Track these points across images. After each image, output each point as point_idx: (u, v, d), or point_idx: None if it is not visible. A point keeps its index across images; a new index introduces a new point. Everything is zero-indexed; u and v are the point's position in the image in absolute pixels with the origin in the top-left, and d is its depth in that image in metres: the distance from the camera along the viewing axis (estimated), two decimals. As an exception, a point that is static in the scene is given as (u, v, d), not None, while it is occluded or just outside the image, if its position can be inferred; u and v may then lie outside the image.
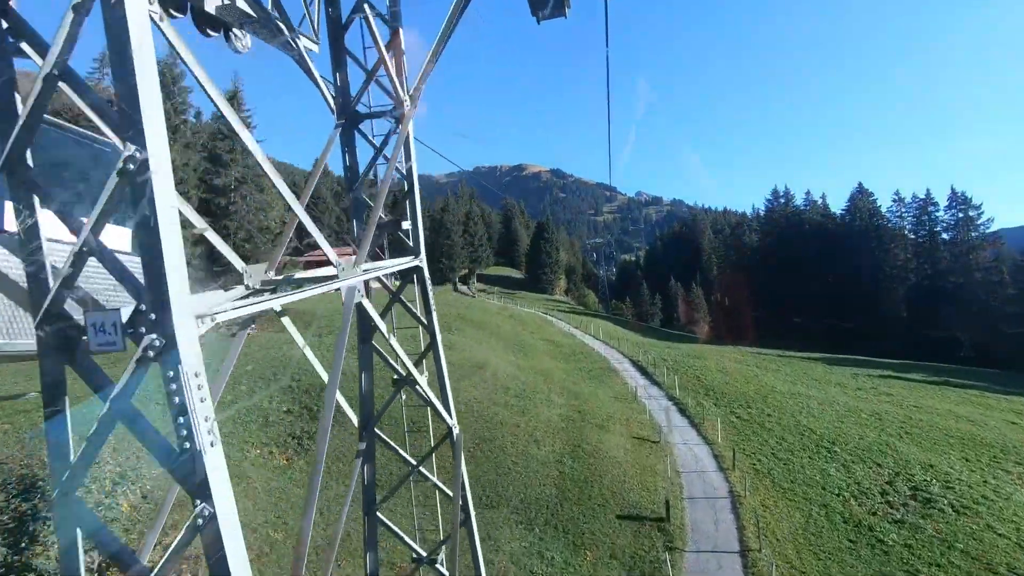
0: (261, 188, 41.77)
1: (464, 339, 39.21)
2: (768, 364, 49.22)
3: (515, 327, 52.37)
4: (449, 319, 46.57)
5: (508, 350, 40.61)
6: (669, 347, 59.83)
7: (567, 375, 36.03)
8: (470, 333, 42.57)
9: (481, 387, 27.31)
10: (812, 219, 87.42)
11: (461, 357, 31.85)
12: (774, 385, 36.65)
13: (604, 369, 39.63)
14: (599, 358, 43.82)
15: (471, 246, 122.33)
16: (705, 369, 40.45)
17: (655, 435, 25.50)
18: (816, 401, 32.64)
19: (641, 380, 37.23)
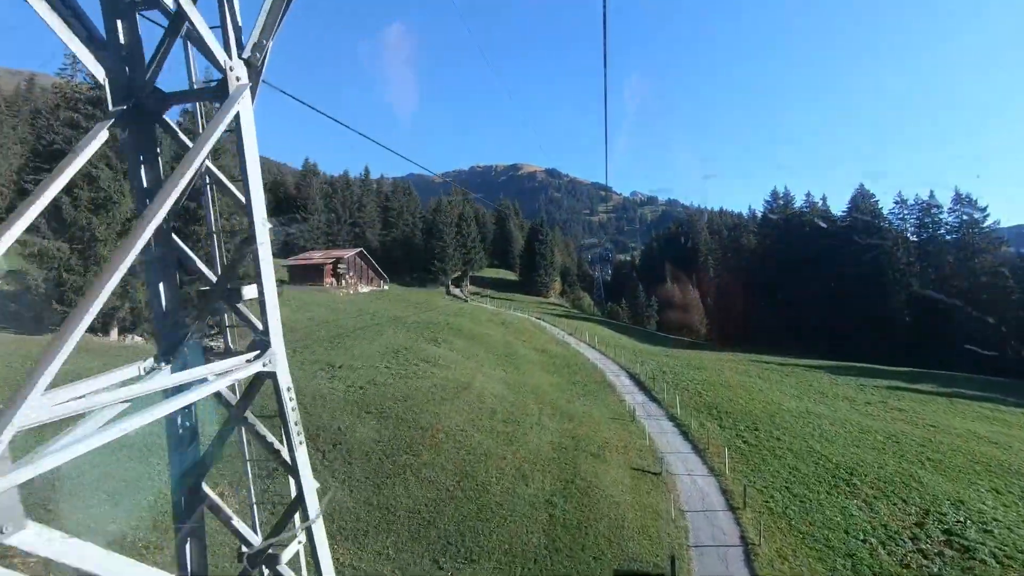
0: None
1: (451, 353, 36.74)
2: (771, 375, 47.01)
3: (506, 336, 49.96)
4: (436, 329, 44.13)
5: (497, 363, 38.17)
6: (667, 354, 57.64)
7: (560, 392, 33.64)
8: (458, 345, 40.10)
9: (465, 411, 24.86)
10: (812, 221, 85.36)
11: (445, 376, 29.38)
12: (780, 402, 34.39)
13: (599, 384, 37.26)
14: (594, 370, 41.48)
15: (464, 248, 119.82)
16: (707, 383, 38.19)
17: (656, 465, 23.13)
18: (827, 421, 30.38)
19: (639, 396, 34.89)
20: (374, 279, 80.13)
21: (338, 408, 23.18)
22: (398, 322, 45.83)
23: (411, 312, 54.33)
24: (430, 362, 31.54)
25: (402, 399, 24.58)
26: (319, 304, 51.80)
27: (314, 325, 39.80)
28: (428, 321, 47.33)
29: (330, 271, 70.13)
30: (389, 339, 37.59)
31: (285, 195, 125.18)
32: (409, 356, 32.64)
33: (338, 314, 47.60)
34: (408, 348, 34.86)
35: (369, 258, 79.65)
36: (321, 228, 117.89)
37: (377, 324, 43.35)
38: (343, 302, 56.27)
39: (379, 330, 40.83)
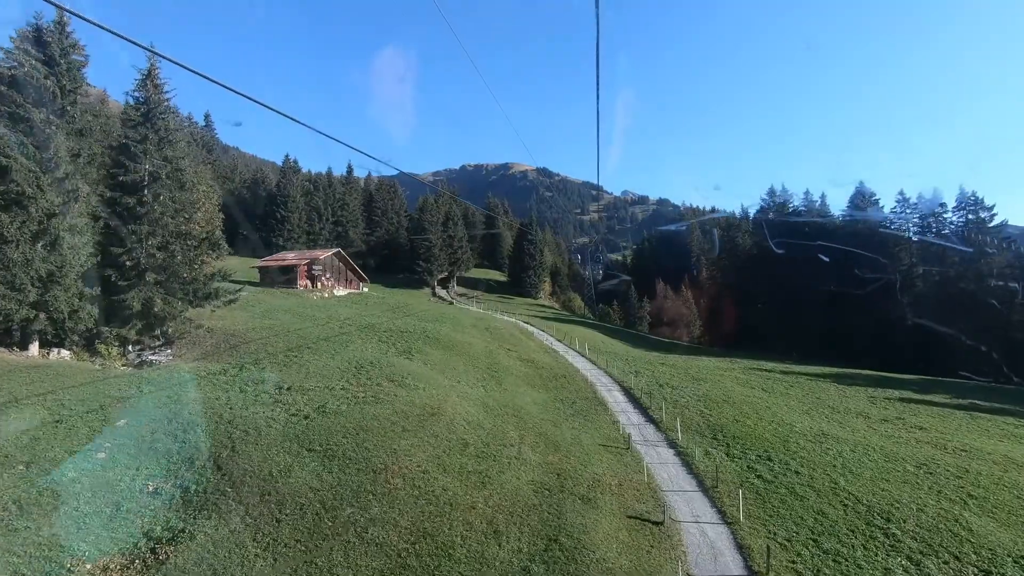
0: (183, 184, 35.01)
1: (424, 368, 32.77)
2: (775, 386, 43.51)
3: (489, 344, 46.06)
4: (411, 339, 40.18)
5: (477, 379, 34.27)
6: (663, 362, 54.08)
7: (545, 412, 29.81)
8: (434, 358, 36.15)
9: (430, 445, 20.92)
10: (811, 221, 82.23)
11: (411, 399, 25.37)
12: (792, 422, 30.78)
13: (590, 401, 33.48)
14: (584, 384, 37.70)
15: (450, 248, 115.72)
16: (708, 399, 34.52)
17: (657, 510, 19.37)
18: (847, 446, 26.79)
19: (634, 416, 31.16)
20: (353, 281, 75.94)
21: (274, 445, 19.18)
22: (370, 330, 41.82)
23: (387, 318, 50.29)
24: (396, 381, 27.53)
25: (355, 432, 20.60)
26: (286, 309, 47.66)
27: (272, 335, 35.69)
28: (403, 329, 43.34)
29: (304, 273, 65.89)
30: (355, 351, 33.58)
31: (266, 192, 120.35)
32: (374, 373, 28.64)
33: (305, 321, 43.49)
34: (375, 363, 30.85)
35: (347, 259, 75.42)
36: (302, 227, 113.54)
37: (345, 333, 39.32)
38: (315, 306, 52.13)
39: (346, 340, 36.81)
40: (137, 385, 24.38)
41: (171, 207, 33.70)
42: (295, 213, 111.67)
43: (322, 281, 68.24)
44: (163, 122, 34.69)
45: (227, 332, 35.29)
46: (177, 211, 34.20)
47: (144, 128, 33.54)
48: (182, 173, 34.89)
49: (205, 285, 34.75)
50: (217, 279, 36.45)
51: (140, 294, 31.38)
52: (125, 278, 31.47)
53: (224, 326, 36.70)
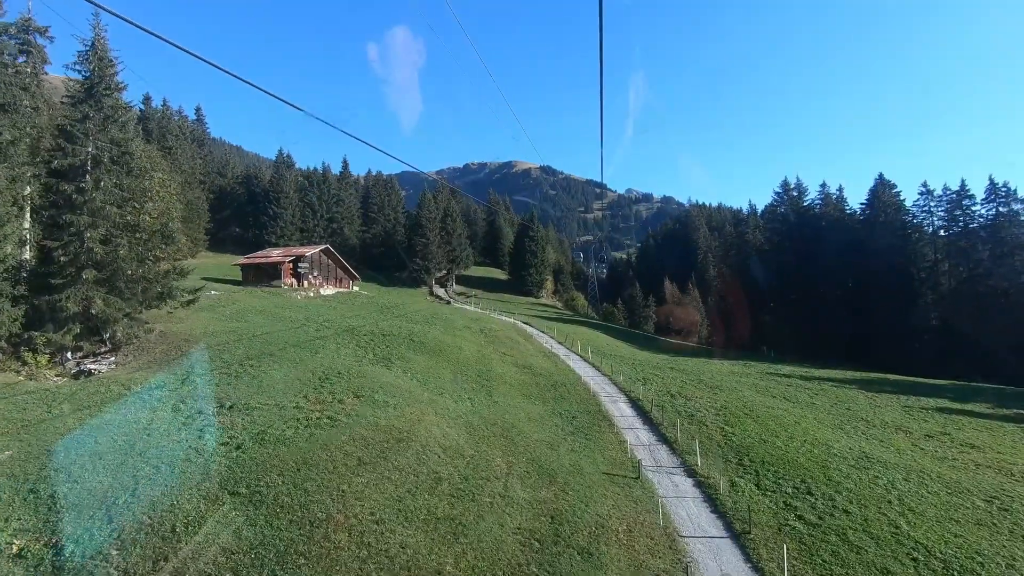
0: (130, 170, 30.95)
1: (402, 378, 28.67)
2: (798, 394, 39.24)
3: (483, 348, 41.96)
4: (394, 344, 36.10)
5: (464, 390, 30.15)
6: (672, 365, 49.83)
7: (541, 430, 25.66)
8: (417, 365, 32.06)
9: (391, 483, 16.78)
10: (828, 214, 77.65)
11: (376, 420, 21.14)
12: (827, 440, 26.53)
13: (593, 415, 29.28)
14: (586, 393, 33.50)
15: (449, 245, 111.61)
16: (727, 411, 30.29)
17: (677, 568, 15.21)
18: (898, 473, 22.54)
19: (644, 433, 26.96)
20: (343, 279, 71.92)
21: (189, 487, 15.08)
22: (350, 334, 37.75)
23: (373, 319, 46.24)
24: (363, 397, 23.40)
25: (296, 467, 16.48)
26: (261, 310, 43.65)
27: (234, 340, 31.62)
28: (387, 332, 39.24)
29: (289, 271, 61.92)
30: (325, 359, 29.49)
31: (260, 189, 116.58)
32: (339, 387, 24.53)
33: (279, 323, 39.47)
34: (343, 373, 26.75)
35: (337, 256, 71.38)
36: (295, 224, 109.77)
37: (321, 337, 35.24)
38: (295, 307, 48.11)
39: (319, 346, 32.73)
40: (49, 403, 20.38)
41: (117, 195, 29.62)
42: (288, 209, 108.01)
43: (309, 279, 64.28)
44: (110, 99, 30.63)
45: (183, 337, 31.25)
46: (124, 200, 30.12)
47: (86, 106, 29.50)
48: (131, 157, 30.80)
49: (156, 284, 30.74)
50: (174, 277, 32.43)
51: (77, 294, 27.38)
52: (60, 275, 27.47)
53: (182, 330, 32.68)
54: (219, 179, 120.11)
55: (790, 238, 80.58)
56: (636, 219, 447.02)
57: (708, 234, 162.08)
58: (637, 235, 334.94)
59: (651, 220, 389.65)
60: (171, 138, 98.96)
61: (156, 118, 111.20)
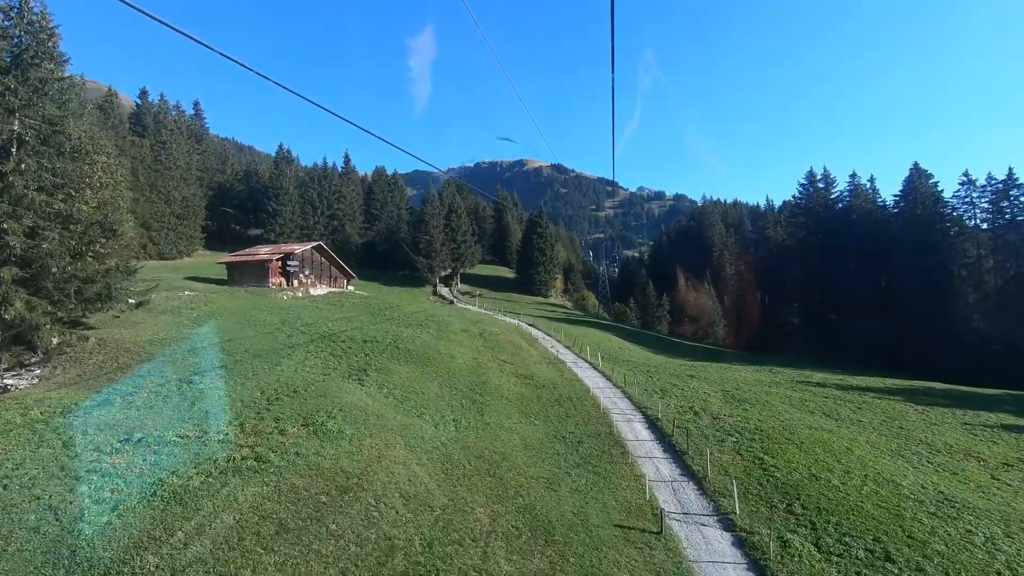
0: (63, 152, 26.70)
1: (375, 397, 24.10)
2: (839, 409, 34.21)
3: (479, 355, 37.35)
4: (376, 352, 31.61)
5: (451, 408, 25.57)
6: (691, 372, 44.91)
7: (538, 461, 20.97)
8: (397, 378, 27.52)
9: (319, 561, 12.15)
10: (859, 206, 71.97)
11: (320, 460, 16.36)
12: (890, 473, 21.56)
13: (603, 439, 24.53)
14: (595, 411, 28.74)
15: (453, 242, 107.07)
16: (763, 434, 25.40)
17: None
18: (997, 525, 17.58)
19: (665, 465, 22.16)
20: (337, 278, 67.68)
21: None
22: (326, 341, 33.33)
23: (360, 323, 41.86)
24: (315, 425, 18.84)
25: (183, 541, 11.85)
26: (236, 313, 39.39)
27: (187, 349, 27.30)
28: (370, 338, 34.79)
29: (277, 269, 57.77)
30: (285, 373, 25.05)
31: (259, 185, 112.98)
32: (290, 410, 20.03)
33: (250, 328, 35.15)
34: (302, 391, 22.28)
35: (330, 253, 67.15)
36: (295, 221, 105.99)
37: (290, 346, 30.85)
38: (277, 309, 43.82)
39: (284, 355, 28.30)
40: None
41: (46, 181, 25.39)
42: (287, 206, 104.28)
43: (299, 278, 60.12)
44: (42, 71, 26.39)
45: (125, 346, 26.95)
46: (56, 186, 25.89)
47: (10, 78, 25.28)
48: (66, 138, 26.58)
49: (94, 284, 26.46)
50: (117, 276, 28.12)
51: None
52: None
53: (127, 338, 28.40)
54: (218, 175, 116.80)
55: (816, 233, 75.00)
56: (648, 217, 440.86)
57: (724, 231, 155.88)
58: (649, 233, 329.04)
59: (663, 218, 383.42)
60: (165, 132, 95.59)
61: (152, 112, 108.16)
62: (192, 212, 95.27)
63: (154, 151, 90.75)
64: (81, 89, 52.32)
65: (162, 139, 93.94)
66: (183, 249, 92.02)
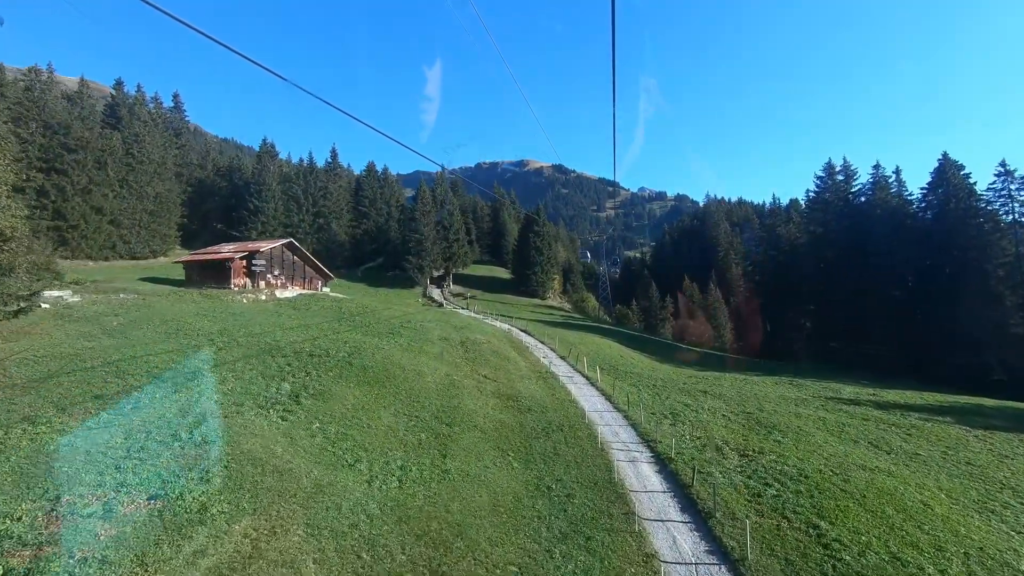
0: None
1: (293, 446, 18.07)
2: (888, 437, 28.28)
3: (455, 370, 31.41)
4: (322, 370, 25.69)
5: (403, 448, 19.64)
6: (704, 388, 38.96)
7: (508, 535, 15.04)
8: (339, 406, 21.59)
9: None
10: (883, 200, 65.87)
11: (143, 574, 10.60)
12: (994, 547, 15.64)
13: (600, 490, 18.59)
14: (591, 446, 22.78)
15: (445, 240, 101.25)
16: (810, 482, 19.45)
17: None
18: None
19: (686, 535, 16.20)
20: (312, 279, 61.78)
21: None
22: (267, 354, 27.42)
23: (322, 330, 35.97)
24: (169, 497, 12.93)
25: None
26: (169, 320, 33.47)
27: (44, 373, 21.37)
28: (321, 351, 28.88)
29: (241, 269, 51.90)
30: (180, 404, 19.10)
31: (242, 181, 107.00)
32: (145, 472, 14.11)
33: (177, 339, 29.26)
34: (189, 433, 16.36)
35: (303, 251, 61.24)
36: (278, 219, 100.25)
37: (216, 363, 24.92)
38: (227, 315, 37.93)
39: (193, 377, 22.34)
40: None
41: None
42: (270, 203, 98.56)
43: (267, 279, 54.25)
44: None
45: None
46: None
47: None
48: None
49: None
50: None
51: None
52: None
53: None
54: (198, 171, 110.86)
55: (835, 230, 68.96)
56: (649, 217, 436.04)
57: (729, 229, 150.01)
58: (651, 233, 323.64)
59: (665, 218, 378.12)
60: (138, 124, 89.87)
61: (128, 104, 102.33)
62: (167, 209, 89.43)
63: (126, 144, 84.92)
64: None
65: (135, 131, 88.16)
66: (157, 248, 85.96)
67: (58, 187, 68.58)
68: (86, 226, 72.21)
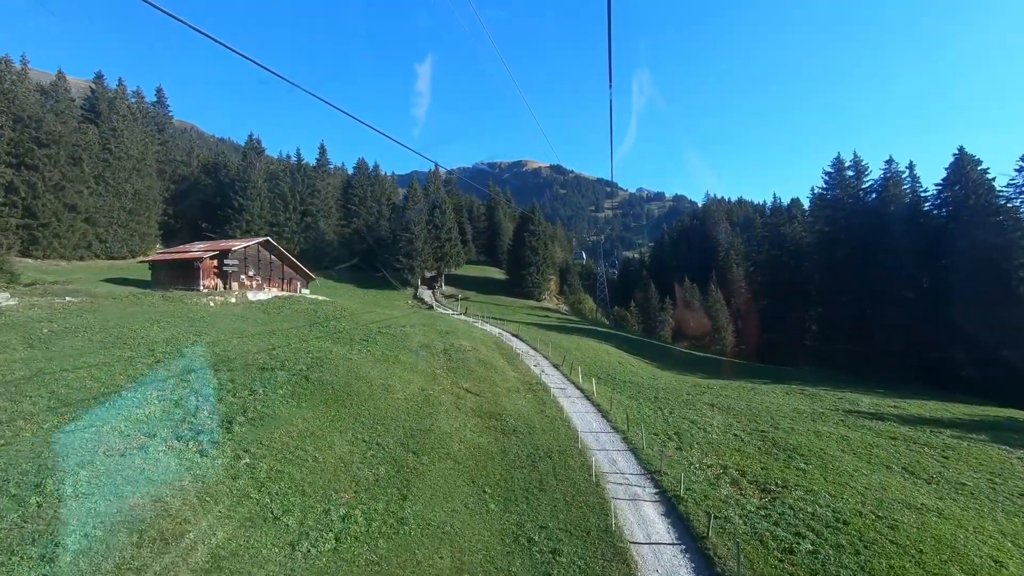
0: None
1: (207, 491, 14.46)
2: (921, 459, 24.81)
3: (431, 384, 27.82)
4: (273, 386, 22.05)
5: (352, 486, 16.03)
6: (710, 400, 35.42)
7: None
8: (284, 432, 17.98)
9: None
10: (896, 197, 62.38)
11: None
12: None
13: (593, 544, 14.97)
14: (584, 480, 19.16)
15: (437, 240, 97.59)
16: (853, 532, 15.90)
17: None
18: None
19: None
20: (291, 280, 58.09)
21: None
22: (216, 367, 23.80)
23: (288, 337, 32.34)
24: None
25: None
26: (115, 327, 29.80)
27: None
28: (276, 363, 25.24)
29: (212, 269, 48.20)
30: (73, 437, 15.49)
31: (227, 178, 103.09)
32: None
33: (114, 350, 25.62)
34: (60, 484, 12.76)
35: (282, 251, 57.53)
36: (264, 217, 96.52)
37: (143, 383, 21.27)
38: (183, 320, 34.26)
39: (108, 400, 18.71)
40: None
41: None
42: (255, 201, 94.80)
43: (241, 280, 50.56)
44: None
45: None
46: None
47: None
48: None
49: None
50: None
51: None
52: None
53: None
54: (182, 168, 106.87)
55: (844, 228, 65.44)
56: (648, 218, 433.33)
57: (730, 229, 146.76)
58: (649, 234, 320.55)
59: (663, 219, 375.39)
60: (116, 119, 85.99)
61: (108, 98, 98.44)
62: (146, 207, 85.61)
63: (103, 139, 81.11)
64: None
65: (113, 125, 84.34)
66: (136, 248, 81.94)
67: (28, 183, 64.74)
68: (59, 224, 68.38)
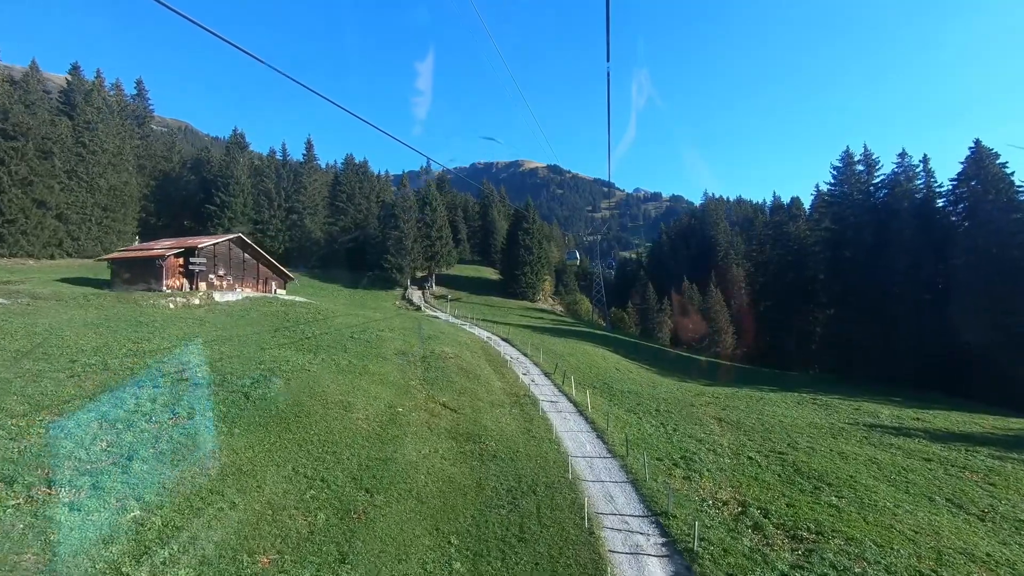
0: None
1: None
2: (964, 486, 21.50)
3: (402, 398, 24.25)
4: (211, 403, 18.45)
5: (268, 551, 12.44)
6: (715, 413, 31.97)
7: None
8: (201, 483, 14.41)
9: None
10: (908, 191, 59.11)
11: None
12: None
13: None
14: (574, 524, 15.62)
15: (427, 239, 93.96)
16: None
17: None
18: None
19: None
20: (267, 280, 54.41)
21: None
22: (139, 383, 20.20)
23: (244, 343, 28.74)
24: None
25: None
26: (45, 331, 26.15)
27: None
28: (218, 377, 21.65)
29: (177, 268, 44.54)
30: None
31: (210, 174, 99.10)
32: None
33: (22, 361, 21.99)
34: None
35: (257, 249, 53.89)
36: (247, 214, 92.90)
37: (38, 407, 17.68)
38: (129, 325, 30.61)
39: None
40: None
41: None
42: (239, 197, 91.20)
43: (209, 280, 46.89)
44: None
45: None
46: None
47: None
48: None
49: None
50: None
51: None
52: None
53: None
54: (163, 163, 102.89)
55: (853, 226, 62.10)
56: (645, 218, 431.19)
57: (729, 229, 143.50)
58: (646, 234, 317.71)
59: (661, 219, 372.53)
60: (91, 111, 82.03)
61: (84, 90, 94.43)
62: (123, 203, 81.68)
63: (76, 132, 77.23)
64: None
65: (87, 118, 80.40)
66: (111, 246, 78.01)
67: (-7, 178, 61.21)
68: (26, 221, 64.57)
